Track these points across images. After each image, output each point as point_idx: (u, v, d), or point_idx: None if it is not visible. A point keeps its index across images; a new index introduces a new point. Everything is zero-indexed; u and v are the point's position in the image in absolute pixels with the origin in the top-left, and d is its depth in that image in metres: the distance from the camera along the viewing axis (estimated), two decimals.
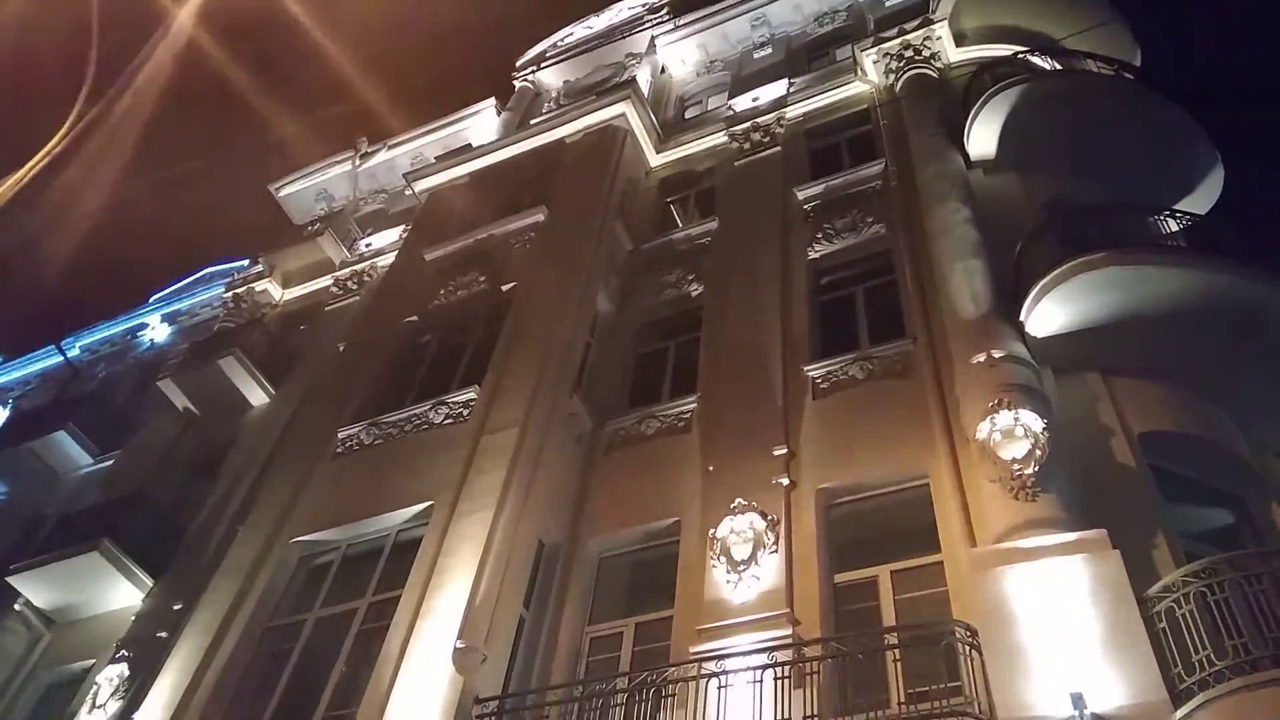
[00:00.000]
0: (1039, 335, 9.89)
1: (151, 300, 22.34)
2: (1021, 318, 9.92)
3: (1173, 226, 10.55)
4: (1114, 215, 10.56)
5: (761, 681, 7.72)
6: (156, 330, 21.11)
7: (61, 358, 21.82)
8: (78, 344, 21.89)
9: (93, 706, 11.56)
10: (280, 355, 17.09)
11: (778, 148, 15.82)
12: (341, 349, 15.18)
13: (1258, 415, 9.65)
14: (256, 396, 16.37)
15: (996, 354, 9.49)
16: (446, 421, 11.98)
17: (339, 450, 12.55)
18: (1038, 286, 9.79)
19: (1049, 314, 9.83)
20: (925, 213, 12.10)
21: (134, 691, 11.23)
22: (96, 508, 14.59)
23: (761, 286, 12.80)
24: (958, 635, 7.42)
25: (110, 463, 17.20)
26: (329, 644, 10.00)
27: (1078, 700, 6.40)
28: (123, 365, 20.81)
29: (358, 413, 12.93)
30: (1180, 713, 6.22)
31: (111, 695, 11.57)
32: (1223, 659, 6.36)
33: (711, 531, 9.76)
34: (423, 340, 14.32)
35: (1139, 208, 10.96)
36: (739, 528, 9.64)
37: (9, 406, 21.41)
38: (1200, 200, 12.75)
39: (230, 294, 19.90)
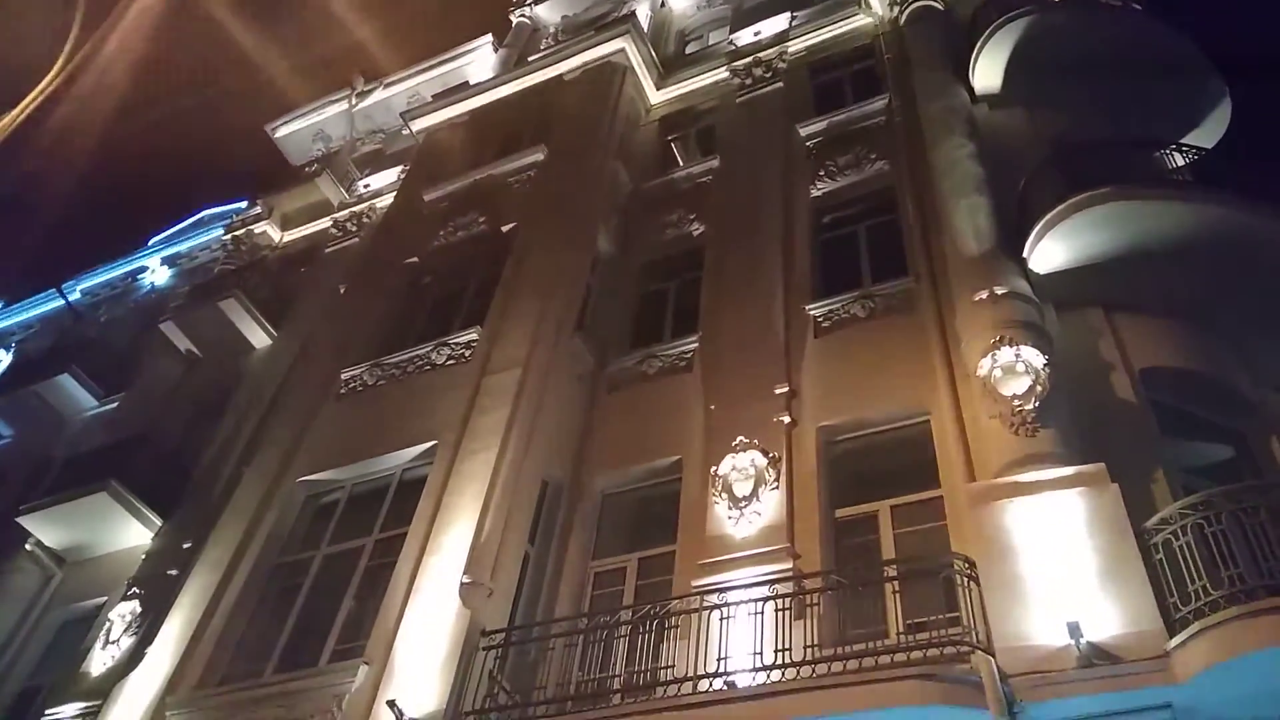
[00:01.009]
0: (1042, 271, 9.86)
1: (151, 243, 22.24)
2: (1024, 254, 9.87)
3: (1179, 161, 10.44)
4: (1119, 150, 10.44)
5: (762, 613, 7.84)
6: (156, 273, 21.06)
7: (62, 301, 21.80)
8: (78, 287, 21.85)
9: (106, 642, 11.78)
10: (281, 297, 17.08)
11: (780, 83, 15.59)
12: (342, 291, 15.16)
13: (1259, 349, 9.64)
14: (258, 338, 16.40)
15: (999, 290, 9.47)
16: (449, 362, 12.03)
17: (342, 391, 12.62)
18: (1041, 222, 9.72)
19: (1052, 250, 9.78)
20: (929, 149, 11.97)
21: (146, 627, 11.44)
22: (103, 449, 14.70)
23: (763, 225, 12.72)
24: (956, 568, 7.52)
25: (114, 405, 17.28)
26: (337, 580, 10.17)
27: (1074, 630, 6.51)
28: (124, 308, 20.79)
29: (360, 354, 12.98)
30: (1175, 641, 6.32)
31: (124, 631, 11.78)
32: (1218, 589, 6.45)
33: (713, 469, 9.85)
34: (424, 281, 14.31)
35: (1145, 142, 10.84)
36: (740, 465, 9.72)
37: (11, 350, 21.45)
38: (1207, 134, 12.59)
39: (229, 236, 19.82)
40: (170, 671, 9.83)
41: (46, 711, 11.38)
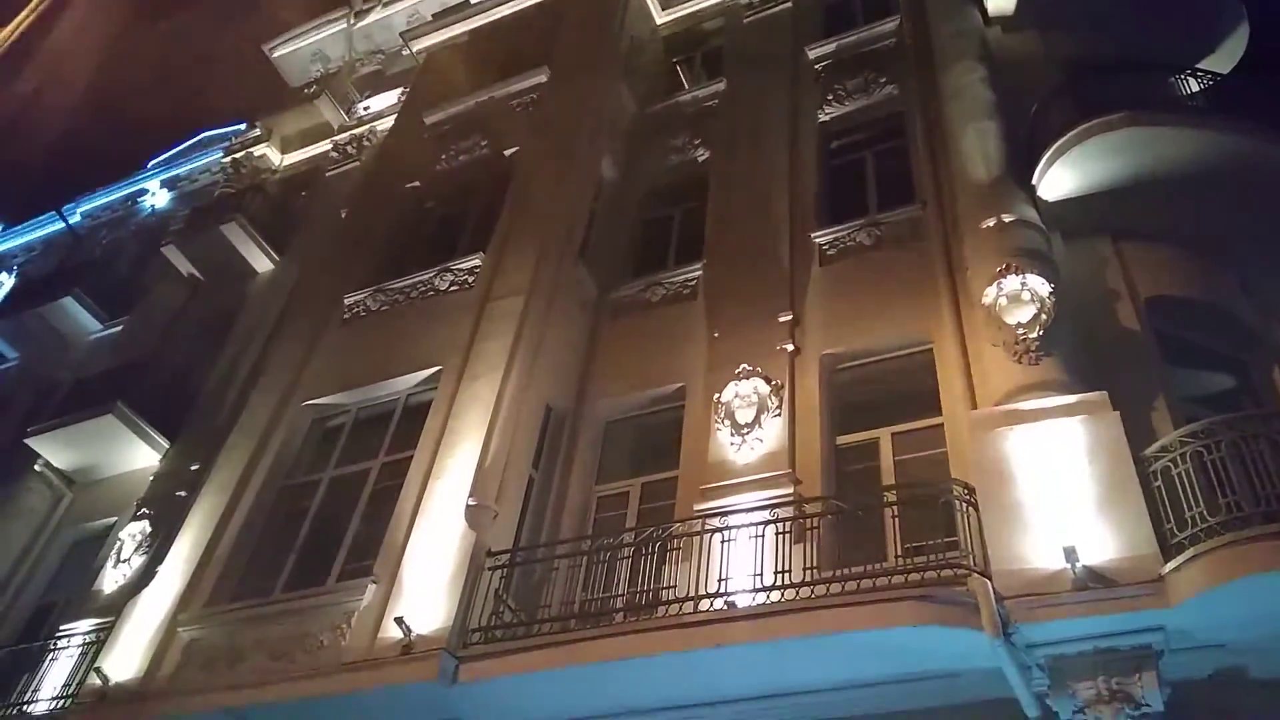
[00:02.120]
0: (1050, 199, 9.75)
1: (150, 165, 22.00)
2: (1034, 181, 9.76)
3: (1194, 86, 10.26)
4: (1133, 75, 10.24)
5: (763, 536, 7.95)
6: (157, 196, 20.88)
7: (63, 224, 21.68)
8: (78, 210, 21.71)
9: (118, 561, 12.00)
10: (283, 221, 16.97)
11: (788, 3, 15.20)
12: (344, 215, 15.04)
13: (1265, 279, 9.59)
14: (261, 263, 16.34)
15: (1006, 218, 9.38)
16: (452, 288, 12.00)
17: (346, 316, 12.62)
18: (1052, 149, 9.59)
19: (1062, 177, 9.66)
20: (939, 72, 11.73)
21: (156, 547, 11.65)
22: (109, 372, 14.78)
23: (769, 151, 12.55)
24: (955, 493, 7.59)
25: (119, 328, 17.32)
26: (344, 502, 10.30)
27: (1070, 554, 6.59)
28: (125, 231, 20.68)
29: (363, 279, 12.94)
30: (1170, 566, 6.40)
31: (135, 550, 12.00)
32: (1215, 516, 6.50)
33: (716, 396, 9.89)
34: (426, 206, 14.20)
35: (1159, 67, 10.61)
36: (743, 392, 9.76)
37: (14, 274, 21.42)
38: (1223, 59, 12.32)
39: (229, 159, 19.59)
40: (181, 589, 10.03)
41: (61, 627, 11.65)
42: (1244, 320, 9.32)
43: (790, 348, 10.07)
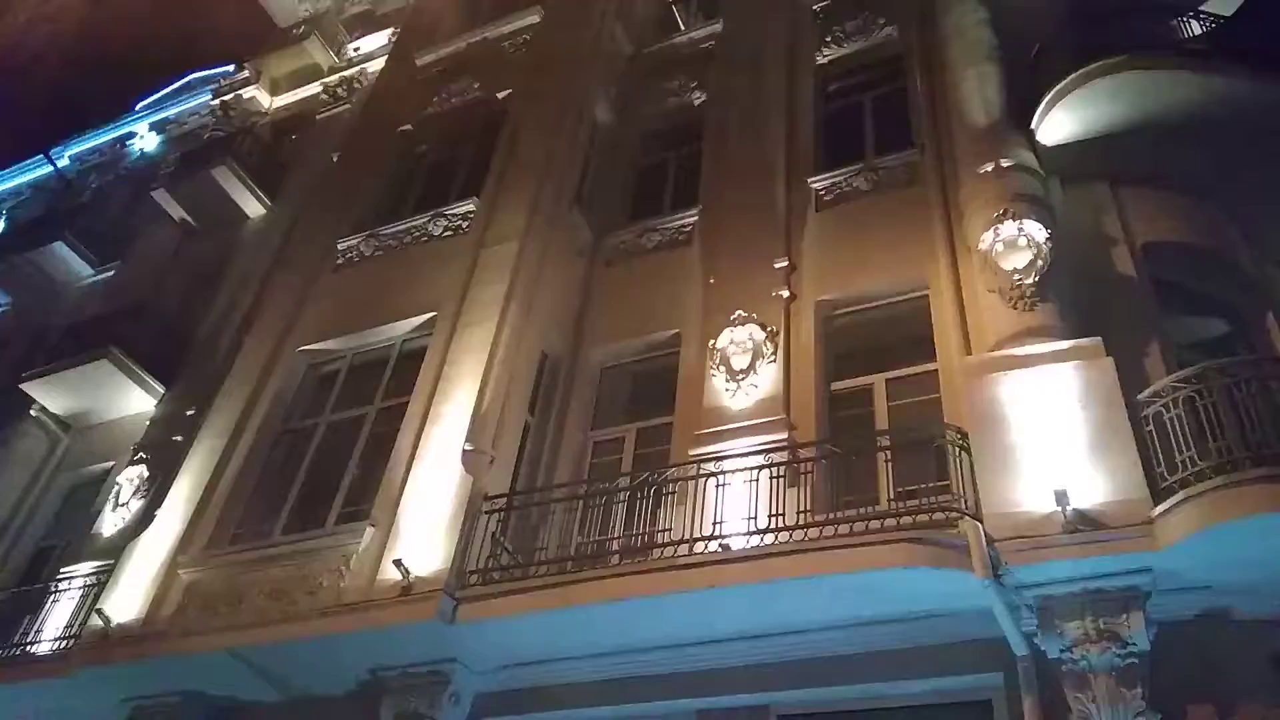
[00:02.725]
0: (1049, 143, 9.67)
1: (138, 108, 21.67)
2: (1033, 125, 9.67)
3: (1196, 29, 10.12)
4: (1134, 17, 10.12)
5: (757, 481, 8.02)
6: (145, 139, 20.60)
7: (51, 168, 21.41)
8: (66, 154, 21.42)
9: (116, 504, 12.08)
10: (274, 165, 16.80)
11: None
12: (336, 159, 14.87)
13: (1264, 224, 9.55)
14: (252, 207, 16.19)
15: (1005, 163, 9.31)
16: (446, 234, 11.93)
17: (339, 261, 12.56)
18: (1052, 92, 9.49)
19: (1061, 121, 9.57)
20: (939, 14, 11.54)
21: (154, 491, 11.72)
22: (102, 317, 14.74)
23: (767, 95, 12.40)
24: (948, 438, 7.65)
25: (111, 274, 17.23)
26: (341, 447, 10.35)
27: (1061, 497, 6.66)
28: (114, 176, 20.45)
29: (356, 224, 12.85)
30: (1159, 509, 6.47)
31: (133, 494, 12.07)
32: (1205, 460, 6.56)
33: (711, 342, 9.91)
34: (418, 150, 14.04)
35: (1161, 7, 10.48)
36: (738, 339, 9.78)
37: (3, 218, 21.21)
38: (1226, 1, 12.16)
39: (218, 101, 19.31)
40: (181, 532, 10.11)
41: (62, 570, 11.76)
42: (1241, 266, 9.31)
43: (786, 294, 10.07)
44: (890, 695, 7.27)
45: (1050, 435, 7.18)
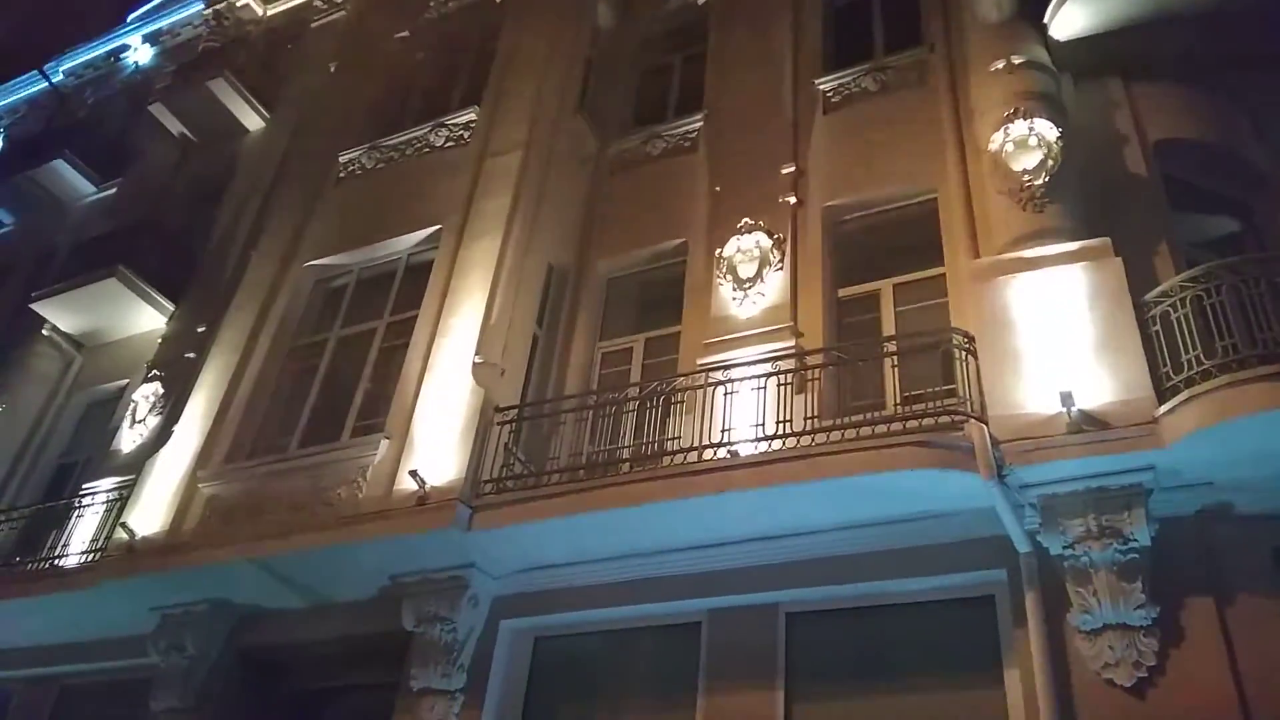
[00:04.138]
0: (1061, 39, 9.40)
1: (129, 20, 21.16)
2: (1045, 19, 9.39)
3: None
4: None
5: (765, 388, 8.08)
6: (139, 52, 20.13)
7: (47, 83, 21.05)
8: (60, 69, 21.02)
9: (133, 421, 12.24)
10: (271, 76, 16.45)
11: None
12: (333, 69, 14.59)
13: (1276, 119, 9.35)
14: (251, 120, 15.94)
15: (1016, 60, 9.08)
16: (448, 144, 11.81)
17: (341, 175, 12.48)
18: None
19: (1074, 15, 9.27)
20: None
21: (170, 407, 11.86)
22: (108, 235, 14.68)
23: None
24: (955, 342, 7.67)
25: (113, 191, 17.10)
26: (352, 361, 10.46)
27: (1066, 398, 6.70)
28: (110, 90, 20.08)
29: (357, 137, 12.73)
30: (1164, 408, 6.51)
31: (150, 411, 12.22)
32: (1211, 359, 6.57)
33: (718, 251, 9.87)
34: (416, 58, 13.77)
35: None
36: (745, 246, 9.74)
37: (2, 136, 20.96)
38: None
39: (210, 10, 18.82)
40: (199, 447, 10.30)
41: (84, 486, 11.99)
42: (1253, 163, 9.14)
43: (793, 200, 9.98)
44: (896, 592, 7.45)
45: (1057, 337, 7.19)
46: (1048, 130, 8.39)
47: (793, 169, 10.19)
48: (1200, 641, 6.23)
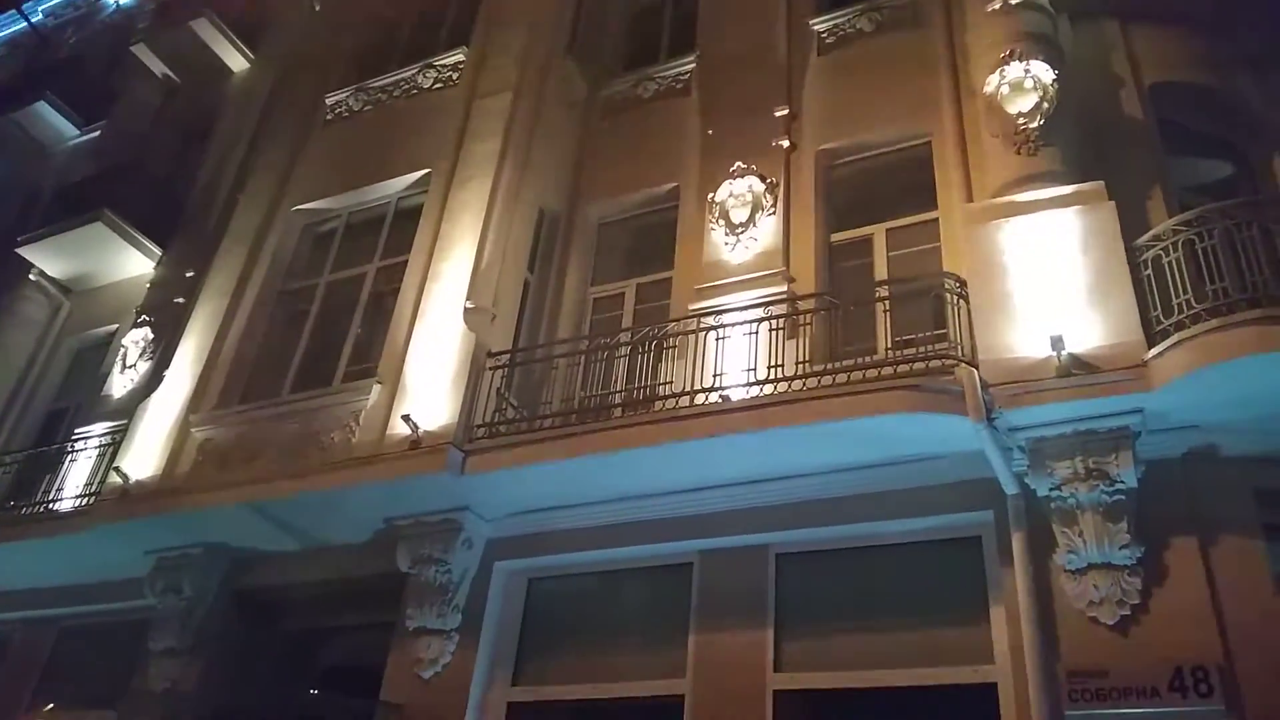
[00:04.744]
0: None
1: None
2: None
3: None
4: None
5: (756, 333, 8.09)
6: None
7: (26, 24, 20.60)
8: (39, 8, 20.57)
9: (124, 366, 12.21)
10: (254, 16, 16.11)
11: None
12: (317, 7, 14.29)
13: (1272, 63, 9.26)
14: (235, 61, 15.67)
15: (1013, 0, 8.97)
16: (436, 86, 11.63)
17: (328, 117, 12.31)
18: None
19: None
20: None
21: (160, 352, 11.83)
22: (94, 178, 14.51)
23: None
24: (947, 286, 7.68)
25: (96, 134, 16.86)
26: (343, 307, 10.42)
27: (1056, 342, 6.72)
28: (91, 30, 19.67)
29: (343, 78, 12.54)
30: (1153, 352, 6.54)
31: (140, 356, 12.19)
32: (1201, 303, 6.58)
33: (710, 196, 9.81)
34: None
35: None
36: (738, 191, 9.68)
37: None
38: None
39: None
40: (190, 392, 10.30)
41: (76, 430, 12.00)
42: (1250, 105, 9.07)
43: (786, 144, 9.90)
44: (884, 534, 7.55)
45: (1049, 281, 7.19)
46: (1044, 72, 8.29)
47: (786, 111, 10.09)
48: (1183, 580, 6.34)
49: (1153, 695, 5.95)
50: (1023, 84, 8.28)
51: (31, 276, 14.33)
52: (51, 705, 10.71)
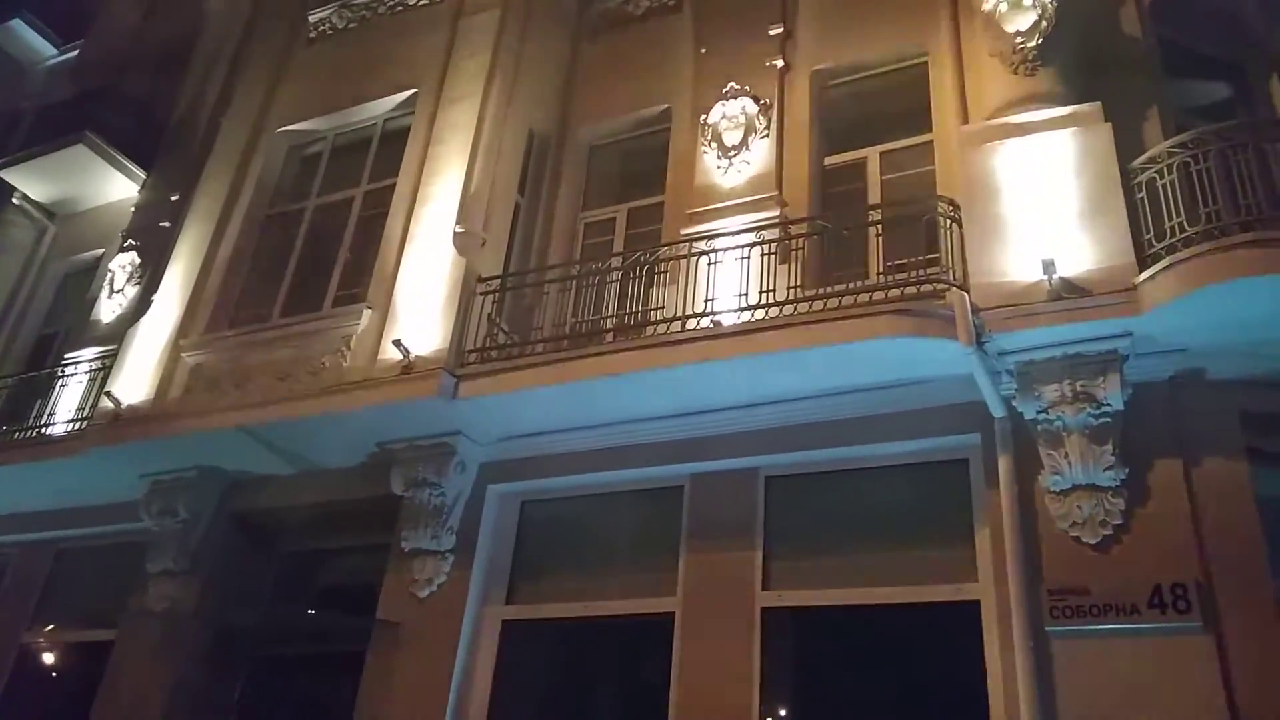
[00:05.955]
0: None
1: None
2: None
3: None
4: None
5: (748, 258, 8.06)
6: None
7: None
8: None
9: (112, 291, 12.14)
10: None
11: None
12: None
13: None
14: None
15: None
16: (422, 2, 11.32)
17: (312, 35, 12.00)
18: None
19: None
20: None
21: (148, 276, 11.75)
22: (74, 100, 14.23)
23: None
24: (940, 210, 7.62)
25: (75, 54, 16.46)
26: (331, 231, 10.32)
27: (1048, 266, 6.70)
28: None
29: None
30: (1143, 276, 6.53)
31: (127, 281, 12.10)
32: (1194, 226, 6.55)
33: (703, 117, 9.67)
34: None
35: None
36: (731, 113, 9.54)
37: None
38: None
39: None
40: (180, 317, 10.25)
41: (66, 356, 11.97)
42: (1250, 25, 8.90)
43: (780, 63, 9.73)
44: (873, 456, 7.63)
45: (1042, 204, 7.14)
46: None
47: (781, 30, 9.89)
48: (1165, 501, 6.44)
49: (1132, 612, 6.08)
50: (1021, 2, 8.10)
51: (15, 200, 14.14)
52: (52, 626, 10.88)
